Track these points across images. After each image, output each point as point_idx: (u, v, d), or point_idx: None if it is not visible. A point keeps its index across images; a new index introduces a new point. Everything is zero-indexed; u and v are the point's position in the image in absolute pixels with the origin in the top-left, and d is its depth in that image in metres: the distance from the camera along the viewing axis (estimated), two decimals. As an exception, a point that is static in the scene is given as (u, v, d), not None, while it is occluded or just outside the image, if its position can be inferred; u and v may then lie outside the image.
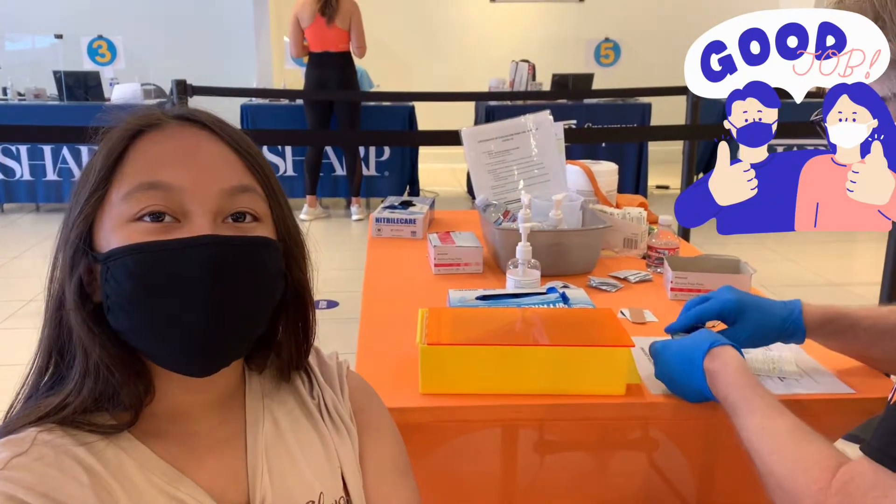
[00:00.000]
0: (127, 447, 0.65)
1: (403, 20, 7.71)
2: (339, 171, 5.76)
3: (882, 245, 2.58)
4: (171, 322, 0.63)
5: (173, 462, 0.67)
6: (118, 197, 0.64)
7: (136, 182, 0.64)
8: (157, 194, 0.63)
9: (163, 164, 0.65)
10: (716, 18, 3.33)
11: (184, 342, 0.64)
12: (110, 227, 0.64)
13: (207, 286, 0.62)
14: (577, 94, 5.98)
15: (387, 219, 1.98)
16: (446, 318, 1.16)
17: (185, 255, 0.62)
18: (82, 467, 0.62)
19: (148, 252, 0.62)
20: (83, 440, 0.64)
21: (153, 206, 0.63)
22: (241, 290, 0.65)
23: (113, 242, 0.63)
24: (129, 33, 6.22)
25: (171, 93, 3.53)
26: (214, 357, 0.66)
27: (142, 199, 0.63)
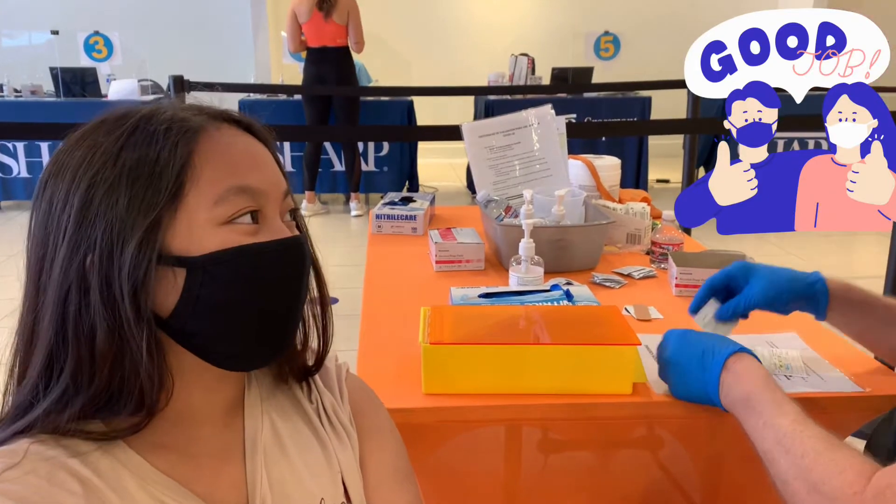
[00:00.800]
0: (123, 458, 0.63)
1: (402, 14, 7.67)
2: (338, 167, 5.74)
3: (885, 238, 2.57)
4: (259, 318, 0.66)
5: (171, 471, 0.65)
6: (207, 201, 0.63)
7: (225, 186, 0.64)
8: (247, 198, 0.65)
9: (242, 168, 0.65)
10: (715, 12, 3.32)
11: (264, 336, 0.67)
12: (201, 231, 0.63)
13: (294, 282, 0.68)
14: (576, 88, 5.96)
15: (387, 215, 1.96)
16: (449, 317, 1.14)
17: (287, 254, 0.67)
18: (76, 479, 0.60)
19: (255, 253, 0.64)
20: (77, 451, 0.61)
21: (248, 208, 0.65)
22: (306, 286, 0.71)
23: (209, 245, 0.63)
24: (126, 29, 6.19)
25: (168, 89, 3.51)
26: (280, 351, 0.70)
27: (236, 202, 0.64)
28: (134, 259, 0.60)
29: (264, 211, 0.66)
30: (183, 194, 0.62)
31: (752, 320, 1.35)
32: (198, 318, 0.63)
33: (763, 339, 1.27)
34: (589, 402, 1.06)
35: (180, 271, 0.62)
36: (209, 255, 0.62)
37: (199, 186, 0.63)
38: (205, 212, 0.63)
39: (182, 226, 0.62)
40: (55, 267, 0.62)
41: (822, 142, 4.91)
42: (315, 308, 0.75)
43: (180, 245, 0.62)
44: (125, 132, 0.63)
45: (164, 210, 0.62)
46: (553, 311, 1.20)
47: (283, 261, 0.66)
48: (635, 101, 6.01)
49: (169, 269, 0.62)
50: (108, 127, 0.65)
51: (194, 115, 0.66)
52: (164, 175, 0.62)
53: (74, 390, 0.61)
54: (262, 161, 0.68)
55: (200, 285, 0.62)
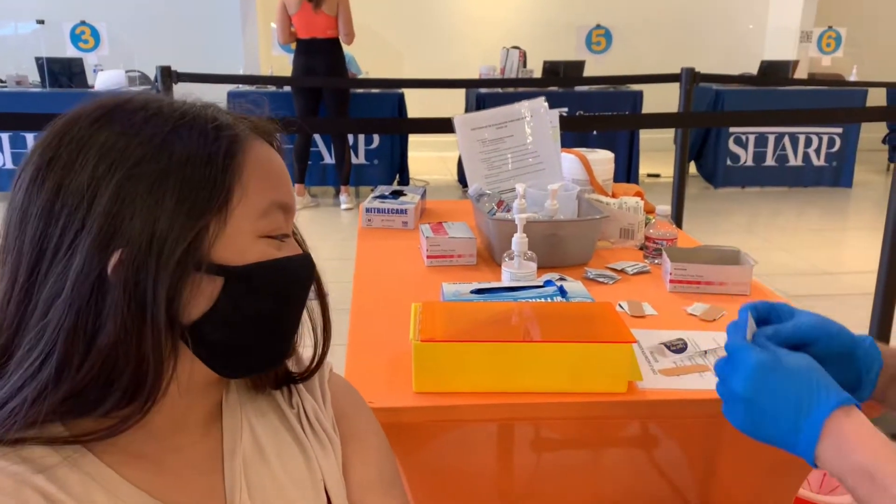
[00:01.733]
0: (92, 471, 0.60)
1: (392, 6, 7.62)
2: (328, 160, 5.70)
3: (873, 234, 2.58)
4: (279, 327, 0.68)
5: (145, 483, 0.62)
6: (252, 212, 0.63)
7: (269, 200, 0.64)
8: (283, 214, 0.67)
9: (280, 183, 0.67)
10: (708, 6, 3.32)
11: (272, 346, 0.68)
12: (244, 241, 0.63)
13: (304, 296, 0.70)
14: (568, 82, 5.94)
15: (377, 209, 1.94)
16: (440, 313, 1.11)
17: (304, 269, 0.69)
18: (42, 496, 0.56)
19: (289, 267, 0.66)
20: (42, 465, 0.57)
21: (282, 228, 0.67)
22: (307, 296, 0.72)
23: (250, 256, 0.63)
24: (113, 19, 6.11)
25: (155, 79, 3.46)
26: (283, 357, 0.72)
27: (276, 217, 0.65)
28: (177, 264, 0.58)
29: (287, 226, 0.68)
30: (233, 202, 0.62)
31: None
32: (226, 327, 0.62)
33: (759, 336, 1.25)
34: (583, 401, 1.04)
35: (218, 280, 0.61)
36: (251, 265, 0.63)
37: (247, 196, 0.62)
38: (250, 223, 0.63)
39: (228, 235, 0.61)
40: (63, 259, 0.57)
41: (813, 137, 4.94)
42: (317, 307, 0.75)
43: (223, 254, 0.61)
44: (168, 125, 0.61)
45: (213, 217, 0.60)
46: (547, 308, 1.18)
47: (300, 275, 0.69)
48: (627, 94, 6.00)
49: (206, 277, 0.60)
50: (139, 114, 0.61)
51: (237, 120, 0.66)
52: (219, 180, 0.61)
53: (55, 383, 0.56)
54: (288, 178, 0.70)
55: (238, 296, 0.62)
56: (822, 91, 6.02)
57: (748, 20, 8.07)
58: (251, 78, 5.90)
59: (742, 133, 6.08)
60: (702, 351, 1.19)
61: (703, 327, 1.30)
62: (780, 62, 6.45)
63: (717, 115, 5.50)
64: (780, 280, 3.86)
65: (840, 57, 6.88)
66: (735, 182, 6.20)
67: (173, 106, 0.63)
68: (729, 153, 6.12)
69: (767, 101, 6.02)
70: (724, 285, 1.45)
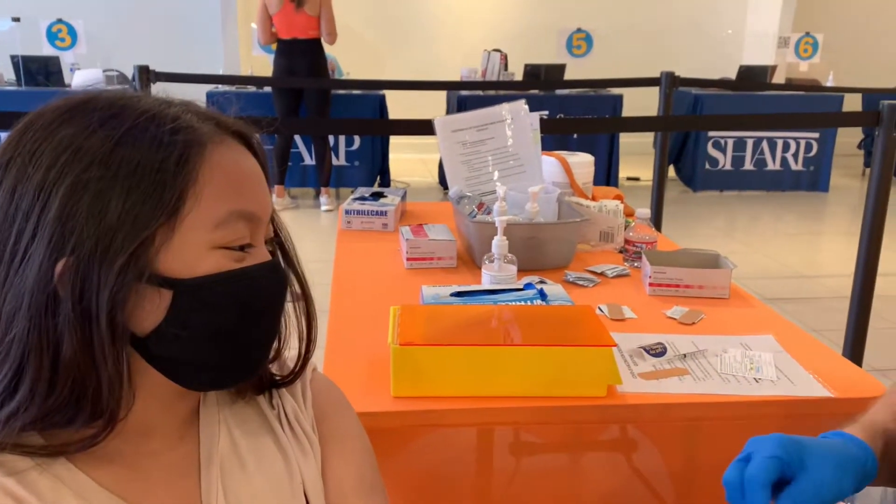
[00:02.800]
0: (64, 476, 0.58)
1: (374, 7, 7.60)
2: (308, 161, 5.67)
3: (849, 238, 2.61)
4: (241, 342, 0.63)
5: (119, 489, 0.60)
6: (206, 222, 0.59)
7: (227, 209, 0.60)
8: (246, 224, 0.62)
9: (245, 190, 0.62)
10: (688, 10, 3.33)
11: (247, 357, 0.65)
12: (194, 253, 0.59)
13: (275, 308, 0.66)
14: (549, 85, 5.95)
15: (357, 210, 1.92)
16: (420, 317, 1.11)
17: (268, 279, 0.65)
18: (12, 499, 0.55)
19: (245, 279, 0.62)
20: (12, 469, 0.56)
21: (245, 238, 0.62)
22: (282, 308, 0.68)
23: (200, 269, 0.59)
24: (91, 17, 6.03)
25: (133, 79, 3.42)
26: (256, 370, 0.68)
27: (236, 228, 0.61)
28: (118, 276, 0.55)
29: (256, 236, 0.64)
30: (184, 211, 0.58)
31: (728, 321, 1.35)
32: (178, 342, 0.59)
33: (738, 340, 1.26)
34: (563, 405, 1.04)
35: (166, 293, 0.58)
36: (200, 278, 0.59)
37: (200, 205, 0.58)
38: (203, 233, 0.59)
39: (176, 245, 0.58)
40: (20, 268, 0.55)
41: (791, 142, 4.99)
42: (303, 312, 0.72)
43: (170, 266, 0.58)
44: (123, 126, 0.57)
45: (160, 227, 0.57)
46: (527, 311, 1.18)
47: (265, 286, 0.64)
48: (607, 98, 6.03)
49: (154, 289, 0.57)
50: (98, 114, 0.58)
51: (202, 121, 0.62)
52: (168, 187, 0.57)
53: (30, 400, 0.55)
54: (260, 183, 0.65)
55: (187, 309, 0.59)
56: (799, 96, 6.09)
57: (727, 25, 8.14)
58: (231, 78, 5.85)
59: (721, 137, 6.13)
60: (681, 354, 1.19)
61: (682, 331, 1.30)
62: (758, 67, 6.51)
63: (697, 118, 5.54)
64: (758, 283, 3.89)
65: (817, 63, 6.96)
66: (714, 186, 6.25)
67: (137, 105, 0.59)
68: (708, 157, 6.17)
69: (746, 106, 6.08)
70: (704, 288, 1.45)
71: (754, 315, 1.39)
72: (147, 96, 0.62)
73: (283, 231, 0.71)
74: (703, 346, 1.22)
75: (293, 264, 0.71)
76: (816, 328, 3.11)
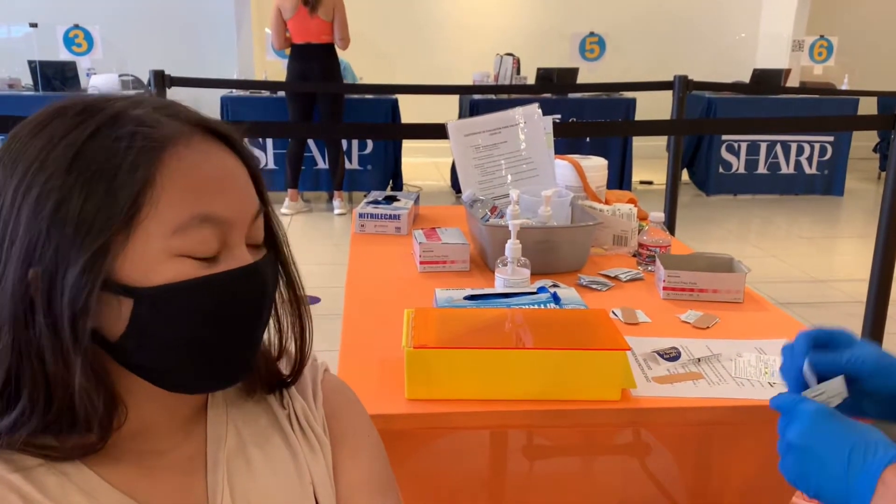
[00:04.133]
0: (72, 473, 0.59)
1: (387, 12, 7.62)
2: (322, 165, 5.69)
3: (864, 242, 2.59)
4: (221, 350, 0.62)
5: (126, 487, 0.61)
6: (164, 229, 0.57)
7: (186, 214, 0.57)
8: (211, 228, 0.59)
9: (210, 192, 0.59)
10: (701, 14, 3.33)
11: (224, 365, 0.63)
12: (152, 260, 0.57)
13: (255, 311, 0.63)
14: (561, 89, 5.95)
15: (370, 214, 1.93)
16: (433, 320, 1.11)
17: (243, 285, 0.61)
18: (17, 495, 0.56)
19: (210, 287, 0.59)
20: (20, 466, 0.57)
21: (209, 243, 0.59)
22: (268, 309, 0.66)
23: (159, 277, 0.57)
24: (107, 23, 6.08)
25: (149, 84, 3.45)
26: (244, 373, 0.66)
27: (197, 233, 0.58)
28: (76, 284, 0.55)
29: (228, 238, 0.60)
30: (139, 218, 0.56)
31: (743, 325, 1.34)
32: (145, 351, 0.59)
33: (752, 344, 1.25)
34: (576, 408, 1.04)
35: (127, 301, 0.57)
36: (159, 287, 0.57)
37: (158, 211, 0.56)
38: (161, 240, 0.57)
39: (134, 253, 0.56)
40: (1, 279, 0.56)
41: (805, 146, 4.97)
42: (293, 312, 0.71)
43: (129, 273, 0.57)
44: (85, 134, 0.57)
45: (115, 234, 0.55)
46: (540, 315, 1.18)
47: (239, 292, 0.61)
48: (620, 102, 6.02)
49: (115, 298, 0.57)
50: (67, 121, 0.58)
51: (168, 118, 0.59)
52: (121, 194, 0.55)
53: (31, 410, 0.56)
54: (234, 182, 0.61)
55: (148, 319, 0.57)
56: (813, 100, 6.05)
57: (740, 29, 8.10)
58: (245, 83, 5.88)
59: (734, 141, 6.10)
60: (695, 359, 1.19)
61: (696, 335, 1.30)
62: (772, 70, 6.48)
63: (710, 122, 5.53)
64: (772, 287, 3.87)
65: (832, 66, 6.92)
66: (727, 190, 6.22)
67: (103, 110, 0.59)
68: (721, 161, 6.14)
69: (759, 110, 6.05)
70: (718, 293, 1.45)
71: (769, 319, 1.39)
72: (121, 98, 0.61)
73: (278, 230, 0.68)
74: (718, 350, 1.22)
75: (286, 265, 0.69)
76: (831, 333, 3.08)
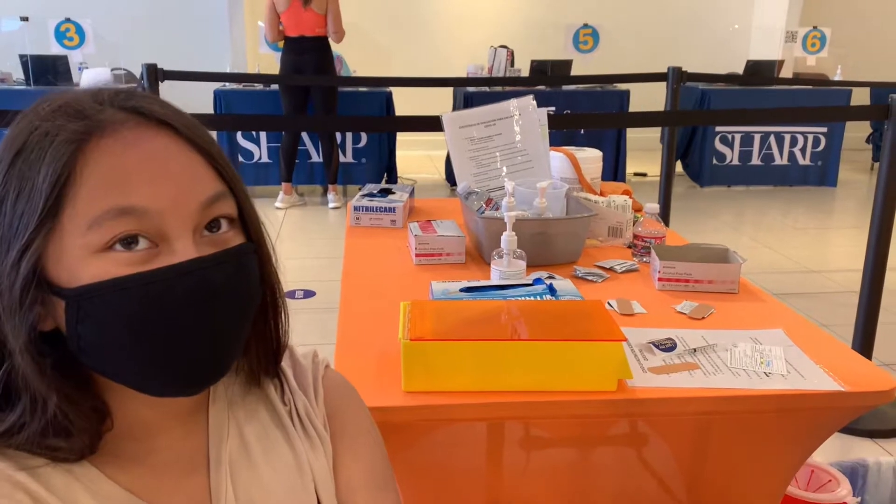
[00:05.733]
0: (77, 472, 0.59)
1: (381, 5, 7.60)
2: (316, 158, 5.68)
3: (857, 232, 2.60)
4: (165, 356, 0.57)
5: (130, 485, 0.61)
6: (80, 225, 0.54)
7: (102, 208, 0.54)
8: (131, 220, 0.55)
9: (130, 183, 0.55)
10: (695, 5, 3.33)
11: (179, 371, 0.59)
12: (74, 259, 0.55)
13: (204, 313, 0.57)
14: (555, 81, 5.94)
15: (366, 207, 1.93)
16: (430, 312, 1.11)
17: (178, 285, 0.56)
18: (25, 493, 0.56)
19: (136, 287, 0.55)
20: (25, 465, 0.57)
21: (125, 231, 0.55)
22: (232, 307, 0.60)
23: (83, 277, 0.55)
24: (99, 16, 6.05)
25: (141, 77, 3.44)
26: (210, 378, 0.62)
27: (113, 226, 0.54)
28: (6, 282, 0.54)
29: (165, 231, 0.56)
30: (61, 214, 0.54)
31: (738, 315, 1.35)
32: (88, 354, 0.57)
33: (747, 334, 1.26)
34: (573, 400, 1.04)
35: (59, 302, 0.56)
36: (80, 288, 0.55)
37: (75, 206, 0.54)
38: (78, 237, 0.54)
39: (60, 251, 0.55)
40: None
41: (799, 137, 4.99)
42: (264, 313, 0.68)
43: (58, 273, 0.55)
44: (23, 129, 0.57)
45: (37, 232, 0.54)
46: (537, 306, 1.18)
47: (177, 290, 0.56)
48: (614, 93, 6.02)
49: (51, 298, 0.56)
50: (22, 119, 0.58)
51: (94, 107, 0.57)
52: (38, 191, 0.54)
53: (31, 412, 0.56)
54: (169, 169, 0.57)
55: (77, 321, 0.55)
56: (807, 91, 6.06)
57: (734, 20, 8.11)
58: (238, 76, 5.86)
59: (728, 132, 6.11)
60: (691, 349, 1.19)
61: (692, 325, 1.30)
62: (765, 62, 6.48)
63: (704, 113, 5.52)
64: (766, 278, 3.88)
65: (825, 57, 6.93)
66: (721, 181, 6.23)
67: (49, 104, 0.58)
68: (715, 152, 6.15)
69: (753, 101, 6.05)
70: (713, 283, 1.46)
71: (764, 309, 1.39)
72: (75, 91, 0.59)
73: (252, 219, 0.64)
74: (713, 340, 1.23)
75: (263, 255, 0.65)
76: (825, 323, 3.10)
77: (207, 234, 0.60)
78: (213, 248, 0.59)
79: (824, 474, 1.64)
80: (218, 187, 0.60)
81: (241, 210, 0.63)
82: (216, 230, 0.60)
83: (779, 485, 1.19)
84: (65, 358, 0.58)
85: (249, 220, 0.64)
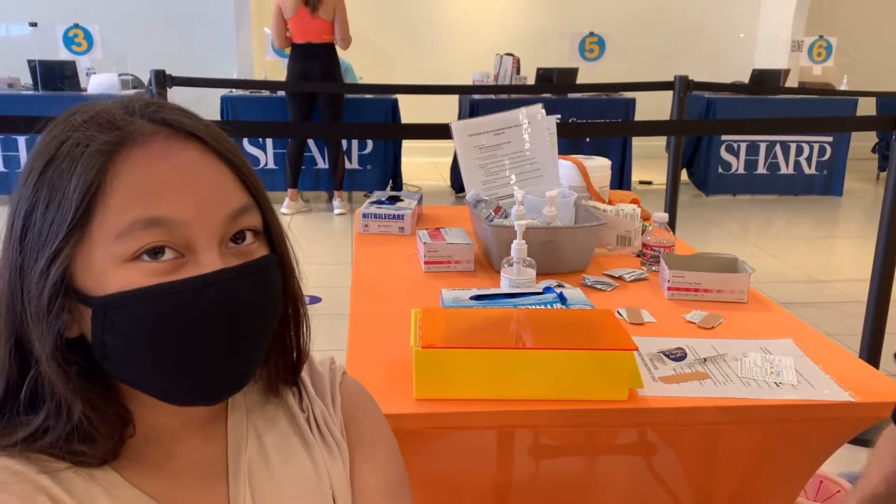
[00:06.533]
0: (98, 476, 0.59)
1: (387, 12, 7.63)
2: (322, 165, 5.69)
3: (863, 242, 2.60)
4: (188, 366, 0.58)
5: (150, 491, 0.61)
6: (109, 235, 0.55)
7: (131, 218, 0.55)
8: (158, 231, 0.56)
9: (159, 194, 0.56)
10: (700, 14, 3.34)
11: (202, 381, 0.59)
12: (101, 268, 0.56)
13: (228, 323, 0.58)
14: (561, 89, 5.95)
15: (374, 214, 1.93)
16: (441, 320, 1.11)
17: (203, 296, 0.56)
18: (47, 496, 0.56)
19: (161, 297, 0.55)
20: (47, 468, 0.57)
21: (152, 242, 0.55)
22: (255, 319, 0.60)
23: (109, 286, 0.55)
24: (107, 22, 6.09)
25: (149, 83, 3.45)
26: (231, 388, 0.62)
27: (140, 237, 0.55)
28: (34, 289, 0.56)
29: (192, 242, 0.57)
30: (91, 224, 0.55)
31: (747, 325, 1.35)
32: (111, 362, 0.58)
33: (757, 344, 1.26)
34: (584, 408, 1.04)
35: (86, 310, 0.57)
36: (107, 297, 0.55)
37: (105, 216, 0.55)
38: (106, 247, 0.55)
39: (87, 260, 0.56)
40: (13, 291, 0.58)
41: (805, 146, 4.98)
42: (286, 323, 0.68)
43: (86, 282, 0.56)
44: (54, 138, 0.57)
45: (66, 241, 0.55)
46: (547, 315, 1.18)
47: (201, 301, 0.56)
48: (619, 102, 6.03)
49: (78, 306, 0.57)
50: (54, 128, 0.58)
51: (125, 118, 0.58)
52: (69, 201, 0.55)
53: (56, 416, 0.57)
54: (197, 182, 0.58)
55: (103, 330, 0.56)
56: (812, 100, 6.06)
57: (739, 29, 8.12)
58: (245, 82, 5.88)
59: (734, 141, 6.11)
60: (701, 359, 1.19)
61: (701, 335, 1.30)
62: (771, 71, 6.49)
63: (710, 122, 5.53)
64: (772, 288, 3.87)
65: (831, 66, 6.93)
66: (726, 190, 6.23)
67: (79, 115, 0.58)
68: (720, 161, 6.15)
69: (759, 110, 6.06)
70: (722, 293, 1.46)
71: (773, 319, 1.39)
72: (106, 102, 0.60)
73: (277, 231, 0.64)
74: (723, 350, 1.23)
75: (286, 267, 0.65)
76: (832, 333, 3.09)
77: (233, 246, 0.60)
78: (238, 259, 0.60)
79: (833, 485, 1.64)
80: (244, 200, 0.61)
81: (266, 222, 0.63)
82: (241, 242, 0.60)
83: (788, 495, 1.18)
84: (90, 365, 0.58)
85: (274, 233, 0.64)
